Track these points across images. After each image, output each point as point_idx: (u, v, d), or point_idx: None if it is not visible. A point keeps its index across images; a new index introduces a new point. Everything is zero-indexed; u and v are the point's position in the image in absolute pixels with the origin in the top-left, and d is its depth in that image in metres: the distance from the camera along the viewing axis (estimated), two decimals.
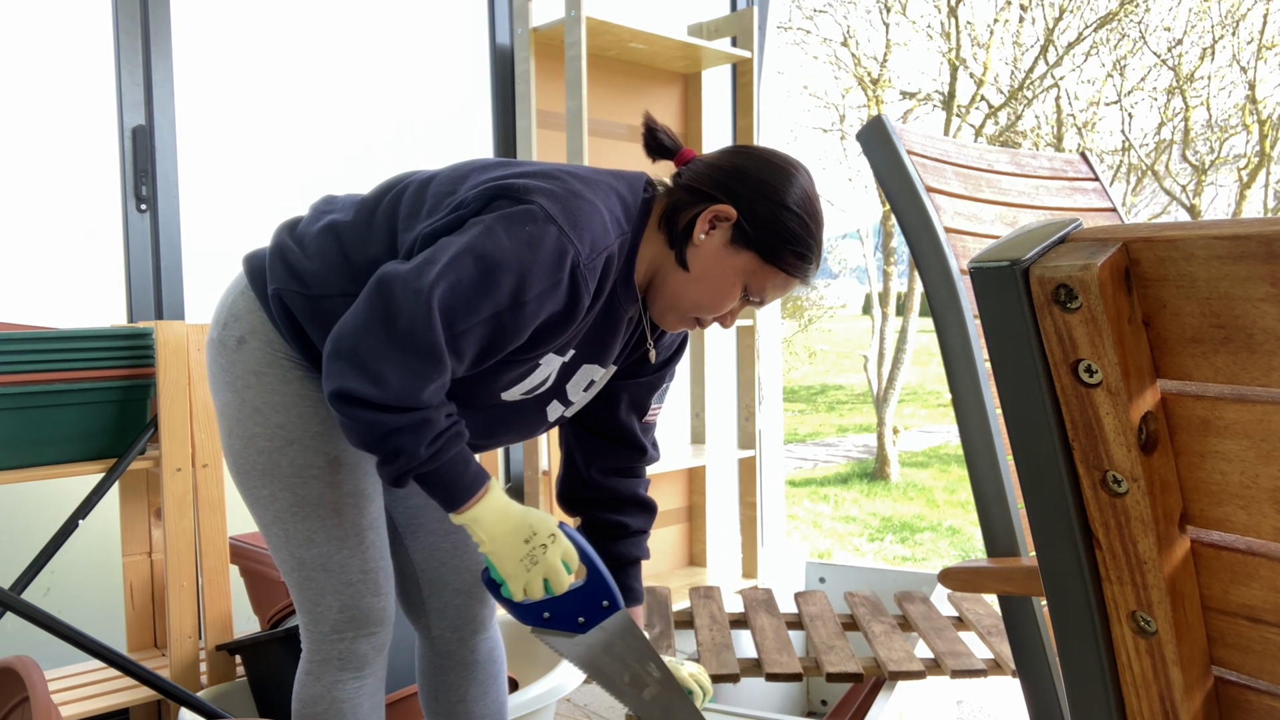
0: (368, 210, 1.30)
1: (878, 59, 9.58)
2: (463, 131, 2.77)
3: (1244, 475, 0.57)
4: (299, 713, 1.36)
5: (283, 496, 1.30)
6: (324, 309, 1.26)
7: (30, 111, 2.10)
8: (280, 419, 1.29)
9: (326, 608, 1.33)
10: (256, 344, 1.31)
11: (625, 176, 1.31)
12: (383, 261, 1.23)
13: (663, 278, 1.29)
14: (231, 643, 1.91)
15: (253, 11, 2.38)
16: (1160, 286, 0.56)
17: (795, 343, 12.94)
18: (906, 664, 1.93)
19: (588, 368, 1.35)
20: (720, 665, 1.92)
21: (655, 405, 1.49)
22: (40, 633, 1.77)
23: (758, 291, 1.28)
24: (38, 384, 1.72)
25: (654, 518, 1.53)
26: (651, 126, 1.35)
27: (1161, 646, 0.62)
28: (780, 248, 1.25)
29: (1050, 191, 1.65)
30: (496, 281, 1.13)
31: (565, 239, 1.15)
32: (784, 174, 1.26)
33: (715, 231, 1.25)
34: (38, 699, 1.35)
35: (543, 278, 1.15)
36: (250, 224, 2.36)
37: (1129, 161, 10.20)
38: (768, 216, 1.24)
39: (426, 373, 1.12)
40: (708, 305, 1.28)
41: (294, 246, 1.30)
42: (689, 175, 1.29)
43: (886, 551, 6.18)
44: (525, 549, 1.20)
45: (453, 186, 1.25)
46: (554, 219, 1.16)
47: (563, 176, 1.23)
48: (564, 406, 1.38)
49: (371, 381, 1.10)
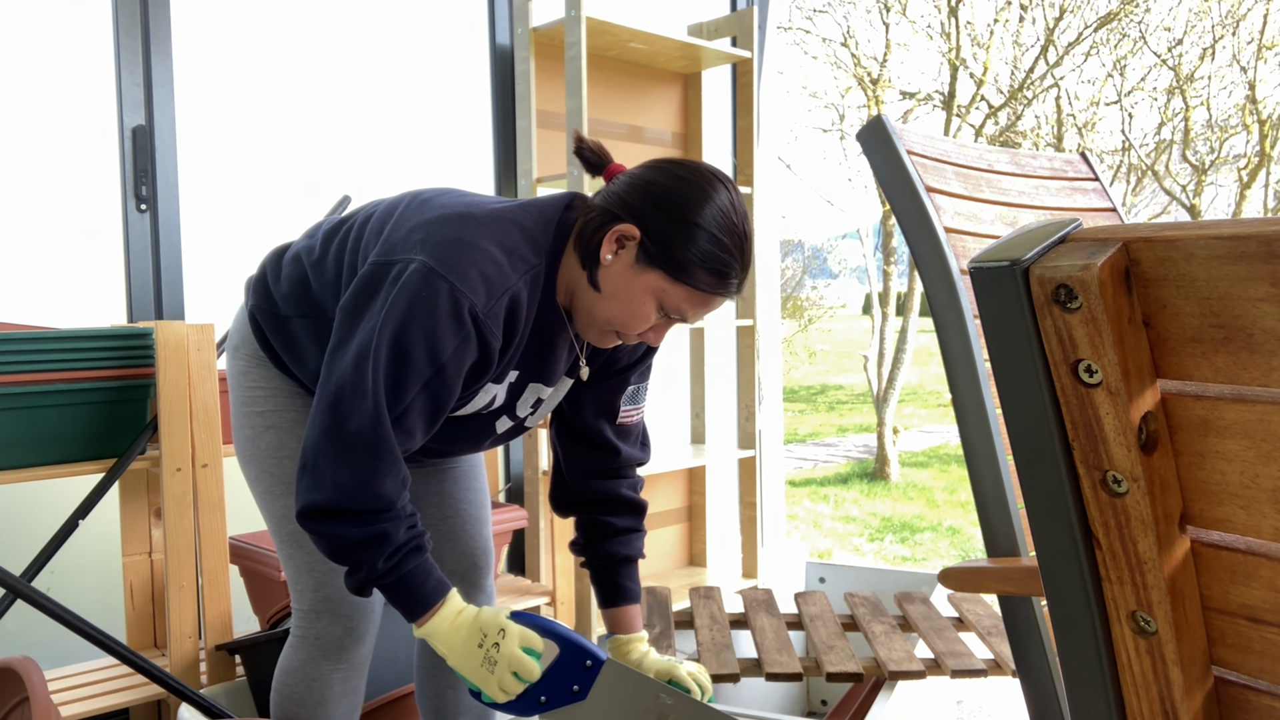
0: (328, 240, 1.40)
1: (878, 59, 9.59)
2: (463, 131, 2.77)
3: (1244, 475, 0.57)
4: (275, 681, 1.48)
5: (264, 478, 1.43)
6: (287, 328, 1.39)
7: (30, 111, 2.10)
8: (260, 408, 1.43)
9: (304, 585, 1.43)
10: (245, 351, 1.45)
11: (535, 206, 1.32)
12: (335, 288, 1.33)
13: (579, 297, 1.30)
14: (231, 643, 1.91)
15: (253, 11, 2.38)
16: (1160, 286, 0.56)
17: (795, 343, 12.94)
18: (906, 664, 1.93)
19: (534, 386, 1.39)
20: (720, 665, 1.92)
21: (627, 408, 1.50)
22: (40, 633, 1.77)
23: (674, 309, 1.28)
24: (38, 384, 1.72)
25: (643, 516, 1.55)
26: (579, 142, 1.36)
27: (1161, 646, 0.62)
28: (689, 266, 1.23)
29: (1050, 191, 1.65)
30: (411, 356, 1.17)
31: (458, 292, 1.17)
32: (697, 190, 1.24)
33: (622, 251, 1.26)
34: (37, 699, 1.35)
35: (449, 335, 1.18)
36: (250, 224, 2.36)
37: (1129, 161, 10.21)
38: (675, 236, 1.23)
39: (379, 468, 1.17)
40: (621, 323, 1.29)
41: (274, 269, 1.44)
42: (604, 193, 1.30)
43: (886, 551, 6.18)
44: (480, 654, 1.22)
45: (379, 228, 1.31)
46: (442, 275, 1.18)
47: (459, 222, 1.24)
48: (512, 421, 1.43)
49: (326, 488, 1.16)
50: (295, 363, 1.40)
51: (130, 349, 1.84)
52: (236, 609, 2.01)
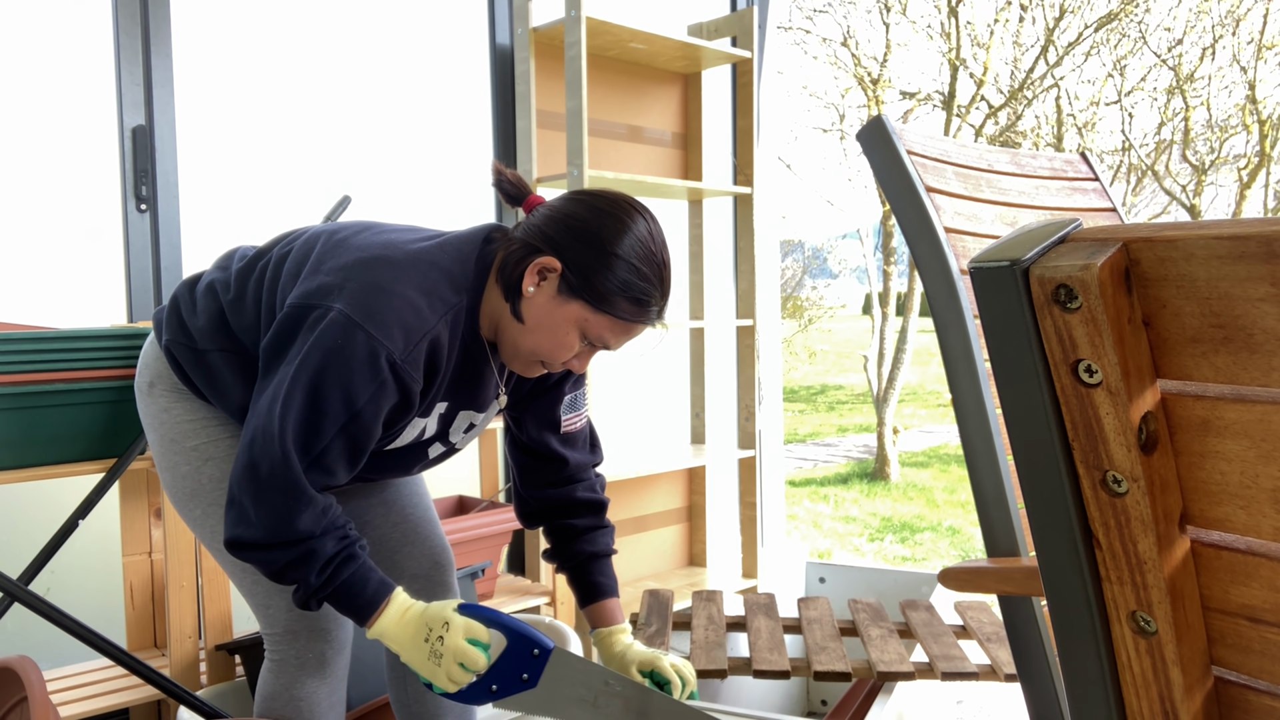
0: (244, 276, 1.39)
1: (878, 59, 9.58)
2: (463, 131, 2.77)
3: (1244, 475, 0.57)
4: (260, 708, 1.45)
5: (213, 512, 1.39)
6: (205, 361, 1.36)
7: (30, 111, 2.10)
8: (194, 442, 1.40)
9: (276, 610, 1.41)
10: (162, 387, 1.43)
11: (453, 243, 1.33)
12: (253, 326, 1.34)
13: (503, 329, 1.32)
14: (231, 643, 1.91)
15: (253, 11, 2.38)
16: (1160, 286, 0.56)
17: (795, 343, 12.94)
18: (897, 665, 1.93)
19: (465, 413, 1.42)
20: (710, 661, 1.93)
21: (568, 416, 1.52)
22: (39, 633, 1.77)
23: (597, 339, 1.30)
24: (38, 384, 1.72)
25: (603, 512, 1.57)
26: (499, 174, 1.37)
27: (1161, 646, 0.62)
28: (608, 295, 1.26)
29: (1050, 191, 1.65)
30: (326, 403, 1.20)
31: (374, 341, 1.19)
32: (615, 221, 1.27)
33: (544, 283, 1.28)
34: (36, 699, 1.35)
35: (365, 384, 1.20)
36: (250, 224, 2.36)
37: (1129, 161, 10.20)
38: (594, 266, 1.25)
39: (294, 508, 1.20)
40: (545, 354, 1.31)
41: (188, 302, 1.41)
42: (524, 225, 1.32)
43: (886, 551, 6.18)
44: (427, 648, 1.24)
45: (296, 269, 1.31)
46: (359, 325, 1.20)
47: (376, 266, 1.25)
48: (444, 446, 1.45)
49: (250, 525, 1.21)
50: (218, 398, 1.39)
51: (130, 349, 1.83)
52: (236, 609, 2.01)
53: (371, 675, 1.85)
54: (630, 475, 2.72)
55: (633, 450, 3.11)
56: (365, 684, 1.84)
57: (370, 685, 1.85)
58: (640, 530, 3.19)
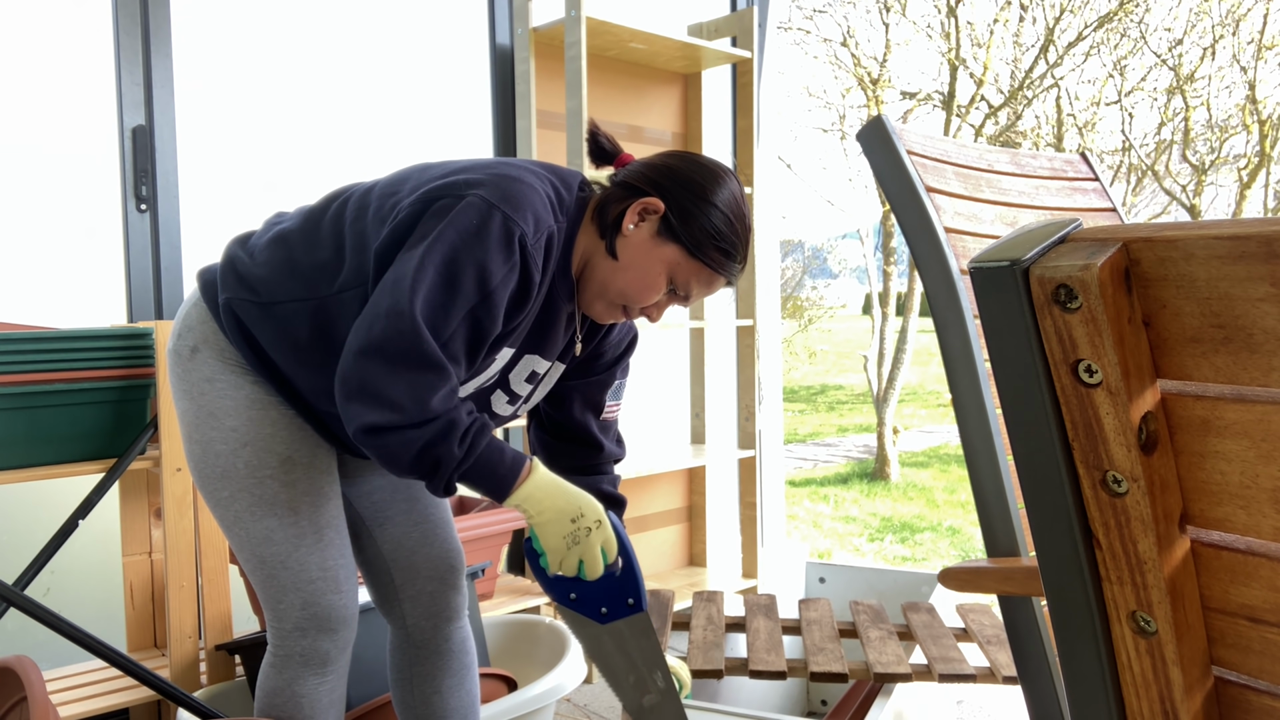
0: (314, 218, 1.36)
1: (878, 59, 9.58)
2: (463, 131, 2.77)
3: (1244, 475, 0.57)
4: (260, 705, 1.43)
5: (241, 497, 1.35)
6: (274, 315, 1.32)
7: (30, 112, 2.10)
8: (234, 422, 1.35)
9: (288, 605, 1.38)
10: (209, 353, 1.36)
11: (560, 171, 1.37)
12: (330, 265, 1.30)
13: (593, 266, 1.34)
14: (231, 642, 1.91)
15: (253, 11, 2.38)
16: (1160, 286, 0.56)
17: (795, 343, 12.94)
18: (895, 667, 1.93)
19: (529, 358, 1.40)
20: (706, 661, 1.93)
21: (611, 402, 1.54)
22: (39, 633, 1.77)
23: (683, 285, 1.34)
24: (38, 384, 1.72)
25: (623, 510, 1.56)
26: (594, 132, 1.41)
27: (1161, 646, 0.62)
28: (705, 243, 1.31)
29: (1050, 191, 1.65)
30: (461, 282, 1.18)
31: (510, 220, 1.21)
32: (713, 175, 1.33)
33: (644, 223, 1.32)
34: (36, 699, 1.35)
35: (499, 264, 1.20)
36: (250, 224, 2.36)
37: (1129, 161, 10.20)
38: (694, 212, 1.30)
39: (433, 383, 1.17)
40: (633, 294, 1.33)
41: (244, 257, 1.38)
42: (624, 174, 1.36)
43: (886, 551, 6.18)
44: (571, 528, 1.24)
45: (395, 189, 1.31)
46: (495, 205, 1.21)
47: (498, 166, 1.29)
48: (507, 397, 1.43)
49: (386, 408, 1.15)
50: (287, 350, 1.33)
51: (130, 349, 1.84)
52: (236, 609, 2.01)
53: (372, 675, 1.85)
54: (630, 475, 2.72)
55: (633, 450, 3.11)
56: (365, 684, 1.84)
57: (370, 685, 1.85)
58: (640, 530, 3.19)
